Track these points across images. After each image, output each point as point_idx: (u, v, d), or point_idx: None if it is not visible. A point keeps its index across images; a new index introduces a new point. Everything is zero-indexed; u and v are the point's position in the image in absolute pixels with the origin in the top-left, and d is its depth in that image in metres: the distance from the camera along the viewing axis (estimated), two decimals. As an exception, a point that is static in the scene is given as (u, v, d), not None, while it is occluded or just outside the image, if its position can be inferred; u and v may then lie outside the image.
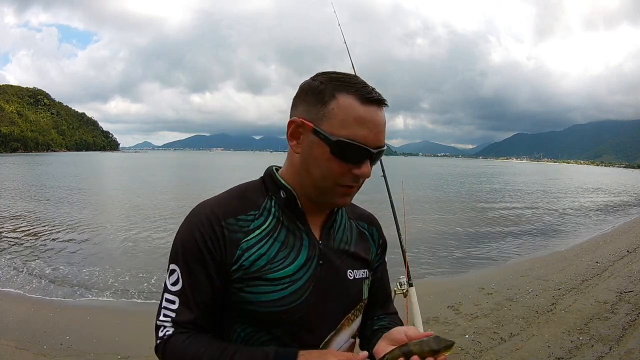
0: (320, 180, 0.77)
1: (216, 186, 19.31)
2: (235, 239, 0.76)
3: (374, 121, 0.75)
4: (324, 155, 0.75)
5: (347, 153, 0.74)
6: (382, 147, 0.77)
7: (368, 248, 0.92)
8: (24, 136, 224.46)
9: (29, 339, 3.66)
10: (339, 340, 0.82)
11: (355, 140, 0.73)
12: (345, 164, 0.75)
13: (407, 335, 0.74)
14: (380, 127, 0.76)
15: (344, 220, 0.91)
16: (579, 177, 56.49)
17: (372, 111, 0.75)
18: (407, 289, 1.76)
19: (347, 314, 0.83)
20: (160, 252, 7.38)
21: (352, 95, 0.74)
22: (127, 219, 11.22)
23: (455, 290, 5.25)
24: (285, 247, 0.78)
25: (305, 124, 0.76)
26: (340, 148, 0.74)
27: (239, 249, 0.75)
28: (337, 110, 0.74)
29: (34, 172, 35.72)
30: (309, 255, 0.79)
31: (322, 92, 0.76)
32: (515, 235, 10.13)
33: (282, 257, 0.77)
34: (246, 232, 0.77)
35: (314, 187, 0.78)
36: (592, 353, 3.43)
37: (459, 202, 18.09)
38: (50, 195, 16.71)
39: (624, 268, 6.25)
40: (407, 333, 0.75)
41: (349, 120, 0.74)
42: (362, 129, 0.74)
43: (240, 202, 0.80)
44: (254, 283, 0.75)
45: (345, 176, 0.76)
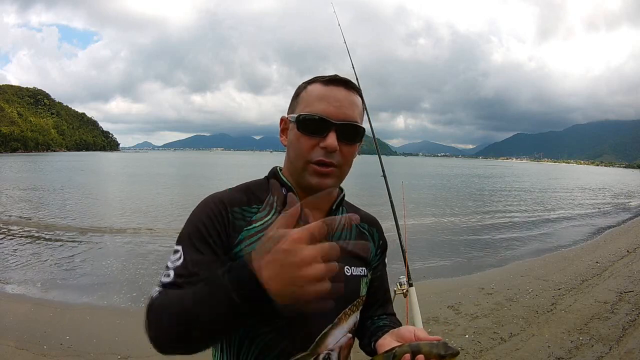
0: (295, 160, 0.83)
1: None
2: (238, 225, 0.80)
3: (334, 96, 0.81)
4: (295, 136, 0.83)
5: (309, 126, 0.81)
6: (348, 121, 0.81)
7: (367, 249, 0.95)
8: (24, 136, 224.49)
9: (29, 339, 3.66)
10: (336, 334, 0.84)
11: (315, 113, 0.80)
12: (311, 138, 0.81)
13: (416, 335, 0.77)
14: (343, 102, 0.81)
15: (344, 220, 0.92)
16: (580, 177, 56.48)
17: (334, 89, 0.82)
18: (407, 289, 1.76)
19: (344, 309, 0.85)
20: (161, 253, 7.38)
21: (318, 82, 0.84)
22: (128, 220, 11.22)
23: (455, 290, 5.25)
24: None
25: (286, 117, 0.88)
26: (302, 122, 0.81)
27: (240, 235, 0.80)
28: (304, 95, 0.84)
29: (35, 171, 35.72)
30: None
31: (299, 89, 0.87)
32: (516, 235, 10.13)
33: None
34: (248, 221, 0.82)
35: (294, 171, 0.84)
36: (592, 353, 3.43)
37: (460, 202, 18.08)
38: (51, 196, 16.71)
39: (624, 268, 6.25)
40: (415, 333, 0.78)
41: (311, 99, 0.83)
42: (322, 104, 0.81)
43: (245, 196, 0.85)
44: None
45: (314, 151, 0.81)
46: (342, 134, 0.81)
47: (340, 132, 0.80)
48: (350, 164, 0.86)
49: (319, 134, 0.80)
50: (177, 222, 10.56)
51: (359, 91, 0.87)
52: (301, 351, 0.79)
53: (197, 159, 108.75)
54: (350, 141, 0.83)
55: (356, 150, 0.87)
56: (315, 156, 0.80)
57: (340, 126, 0.80)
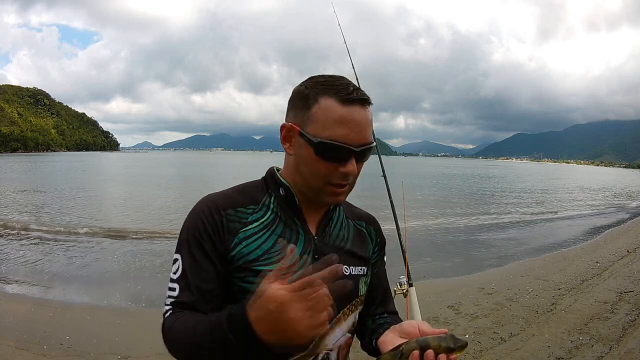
0: (311, 179, 0.81)
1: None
2: (232, 228, 0.80)
3: (354, 120, 0.78)
4: (310, 156, 0.79)
5: (330, 153, 0.78)
6: (366, 144, 0.80)
7: (365, 246, 0.94)
8: (24, 136, 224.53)
9: (29, 339, 3.66)
10: (335, 333, 0.84)
11: (336, 140, 0.77)
12: (330, 164, 0.79)
13: (421, 329, 0.75)
14: (362, 126, 0.78)
15: (341, 219, 0.94)
16: (580, 177, 56.48)
17: (353, 111, 0.78)
18: (407, 289, 1.76)
19: (343, 308, 0.84)
20: (162, 252, 7.39)
21: (333, 97, 0.78)
22: (128, 220, 11.22)
23: (455, 290, 5.25)
24: (284, 238, 0.82)
25: (294, 128, 0.81)
26: (323, 149, 0.77)
27: (236, 238, 0.79)
28: (319, 112, 0.78)
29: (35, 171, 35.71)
30: (304, 249, 0.82)
31: (307, 97, 0.80)
32: (516, 235, 10.13)
33: (278, 249, 0.80)
34: (244, 223, 0.81)
35: (307, 187, 0.82)
36: (592, 353, 3.43)
37: (460, 202, 18.09)
38: (52, 196, 16.72)
39: (624, 268, 6.25)
40: (420, 327, 0.76)
41: (329, 121, 0.77)
42: (343, 129, 0.77)
43: (240, 197, 0.85)
44: (252, 273, 0.77)
45: (333, 175, 0.79)
46: (360, 158, 0.81)
47: (359, 156, 0.80)
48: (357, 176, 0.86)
49: (339, 161, 0.79)
50: (177, 223, 10.57)
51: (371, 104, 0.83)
52: (300, 351, 0.79)
53: (197, 159, 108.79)
54: (364, 160, 0.83)
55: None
56: (335, 179, 0.80)
57: (360, 151, 0.80)
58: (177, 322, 0.73)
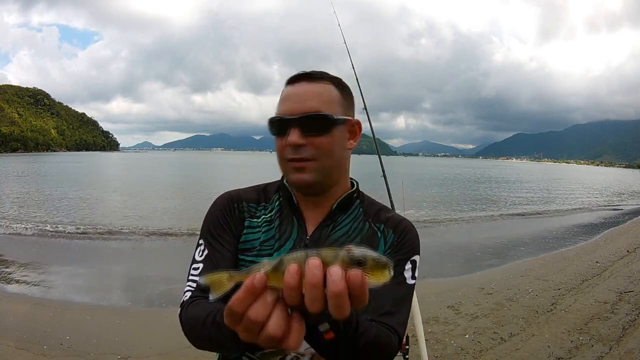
0: (279, 162, 0.86)
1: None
2: (242, 218, 0.87)
3: (295, 93, 0.83)
4: (275, 139, 0.86)
5: (275, 127, 0.83)
6: (307, 113, 0.80)
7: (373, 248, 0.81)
8: (24, 136, 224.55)
9: (29, 339, 3.65)
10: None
11: (278, 114, 0.83)
12: (280, 139, 0.83)
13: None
14: (304, 96, 0.82)
15: (355, 222, 0.88)
16: (581, 177, 56.46)
17: (297, 86, 0.84)
18: (407, 289, 1.76)
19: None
20: (162, 252, 7.39)
21: (287, 83, 0.86)
22: (128, 220, 11.22)
23: (455, 290, 5.25)
24: (277, 236, 0.86)
25: None
26: (269, 125, 0.84)
27: (244, 227, 0.87)
28: (279, 99, 0.87)
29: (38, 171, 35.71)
30: (292, 248, 0.84)
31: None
32: (515, 234, 10.12)
33: (271, 244, 0.85)
34: (252, 215, 0.88)
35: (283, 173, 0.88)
36: (592, 353, 3.43)
37: (460, 202, 18.09)
38: (52, 197, 16.71)
39: (624, 268, 6.25)
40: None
41: (279, 102, 0.85)
42: (285, 104, 0.83)
43: (256, 194, 0.92)
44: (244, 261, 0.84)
45: (285, 149, 0.82)
46: (306, 128, 0.79)
47: (303, 126, 0.79)
48: (330, 154, 0.81)
49: (284, 134, 0.81)
50: (176, 223, 10.57)
51: (331, 79, 0.85)
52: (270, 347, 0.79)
53: (197, 159, 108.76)
54: (316, 132, 0.80)
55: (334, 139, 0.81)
56: (288, 154, 0.82)
57: (301, 120, 0.79)
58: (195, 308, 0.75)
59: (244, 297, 0.48)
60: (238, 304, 0.49)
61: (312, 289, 0.46)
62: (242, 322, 0.50)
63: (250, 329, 0.49)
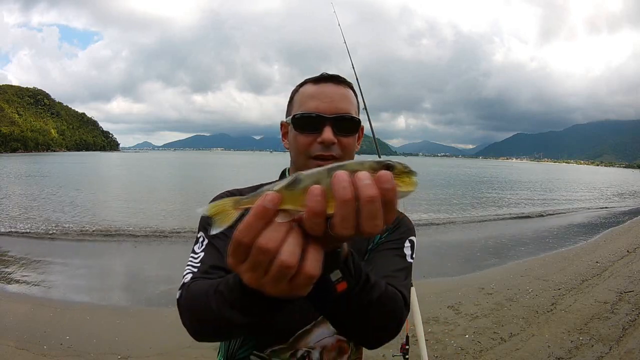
0: (296, 159, 0.87)
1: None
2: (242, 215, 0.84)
3: (324, 93, 0.85)
4: (293, 136, 0.87)
5: (303, 123, 0.85)
6: (341, 114, 0.84)
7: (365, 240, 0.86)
8: (24, 136, 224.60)
9: (29, 339, 3.65)
10: (319, 332, 0.82)
11: (308, 111, 0.84)
12: (307, 135, 0.84)
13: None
14: (335, 97, 0.85)
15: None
16: (582, 177, 56.46)
17: (323, 86, 0.86)
18: (407, 289, 1.76)
19: None
20: (162, 252, 7.38)
21: (309, 82, 0.89)
22: (128, 221, 11.22)
23: (455, 290, 5.25)
24: None
25: (285, 121, 0.92)
26: (297, 120, 0.85)
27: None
28: (297, 97, 0.89)
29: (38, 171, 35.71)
30: None
31: (292, 92, 0.93)
32: (515, 234, 10.12)
33: None
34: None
35: (297, 169, 0.87)
36: (592, 353, 3.43)
37: (460, 202, 18.09)
38: (53, 198, 16.71)
39: (624, 268, 6.25)
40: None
41: (303, 99, 0.87)
42: (314, 102, 0.85)
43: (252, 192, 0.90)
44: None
45: (312, 147, 0.84)
46: (338, 127, 0.84)
47: (336, 125, 0.83)
48: (351, 155, 0.87)
49: (315, 131, 0.83)
50: (176, 223, 10.57)
51: (350, 85, 0.91)
52: (279, 344, 0.80)
53: (198, 159, 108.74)
54: (346, 133, 0.85)
55: (355, 141, 0.88)
56: (314, 151, 0.83)
57: (335, 119, 0.83)
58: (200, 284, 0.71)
59: (253, 221, 0.42)
60: (245, 232, 0.42)
61: (344, 206, 0.40)
62: (250, 257, 0.43)
63: (258, 262, 0.43)
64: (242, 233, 0.43)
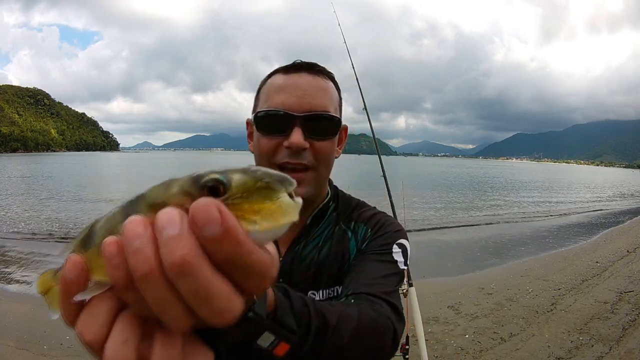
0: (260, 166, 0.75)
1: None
2: None
3: (295, 84, 0.67)
4: (256, 137, 0.70)
5: (268, 123, 0.67)
6: (314, 111, 0.67)
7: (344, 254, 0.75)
8: (24, 136, 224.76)
9: (29, 339, 3.66)
10: None
11: (274, 108, 0.66)
12: (272, 138, 0.67)
13: None
14: (307, 90, 0.67)
15: (321, 231, 0.77)
16: (582, 177, 56.47)
17: (295, 77, 0.69)
18: (407, 289, 1.76)
19: None
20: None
21: (279, 72, 0.71)
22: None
23: (455, 290, 5.25)
24: None
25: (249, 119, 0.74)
26: (260, 119, 0.68)
27: None
28: (264, 89, 0.71)
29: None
30: None
31: (260, 84, 0.74)
32: (515, 234, 10.12)
33: None
34: None
35: None
36: (592, 353, 3.43)
37: (460, 202, 18.08)
38: (53, 198, 16.71)
39: (624, 268, 6.25)
40: None
41: (270, 93, 0.69)
42: (281, 95, 0.67)
43: None
44: None
45: (278, 151, 0.67)
46: (310, 128, 0.67)
47: (307, 125, 0.66)
48: (327, 163, 0.71)
49: (281, 132, 0.66)
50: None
51: (330, 75, 0.73)
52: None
53: (197, 159, 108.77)
54: (321, 135, 0.68)
55: (333, 146, 0.72)
56: (281, 158, 0.67)
57: (305, 118, 0.66)
58: None
59: (63, 300, 0.29)
60: (65, 315, 0.30)
61: (146, 286, 0.24)
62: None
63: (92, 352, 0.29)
64: (63, 315, 0.31)
